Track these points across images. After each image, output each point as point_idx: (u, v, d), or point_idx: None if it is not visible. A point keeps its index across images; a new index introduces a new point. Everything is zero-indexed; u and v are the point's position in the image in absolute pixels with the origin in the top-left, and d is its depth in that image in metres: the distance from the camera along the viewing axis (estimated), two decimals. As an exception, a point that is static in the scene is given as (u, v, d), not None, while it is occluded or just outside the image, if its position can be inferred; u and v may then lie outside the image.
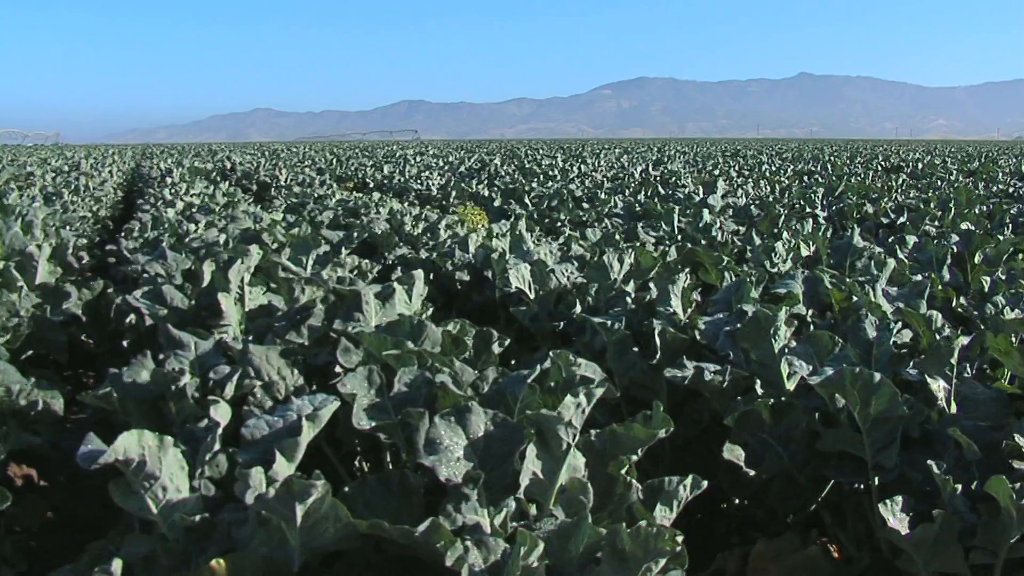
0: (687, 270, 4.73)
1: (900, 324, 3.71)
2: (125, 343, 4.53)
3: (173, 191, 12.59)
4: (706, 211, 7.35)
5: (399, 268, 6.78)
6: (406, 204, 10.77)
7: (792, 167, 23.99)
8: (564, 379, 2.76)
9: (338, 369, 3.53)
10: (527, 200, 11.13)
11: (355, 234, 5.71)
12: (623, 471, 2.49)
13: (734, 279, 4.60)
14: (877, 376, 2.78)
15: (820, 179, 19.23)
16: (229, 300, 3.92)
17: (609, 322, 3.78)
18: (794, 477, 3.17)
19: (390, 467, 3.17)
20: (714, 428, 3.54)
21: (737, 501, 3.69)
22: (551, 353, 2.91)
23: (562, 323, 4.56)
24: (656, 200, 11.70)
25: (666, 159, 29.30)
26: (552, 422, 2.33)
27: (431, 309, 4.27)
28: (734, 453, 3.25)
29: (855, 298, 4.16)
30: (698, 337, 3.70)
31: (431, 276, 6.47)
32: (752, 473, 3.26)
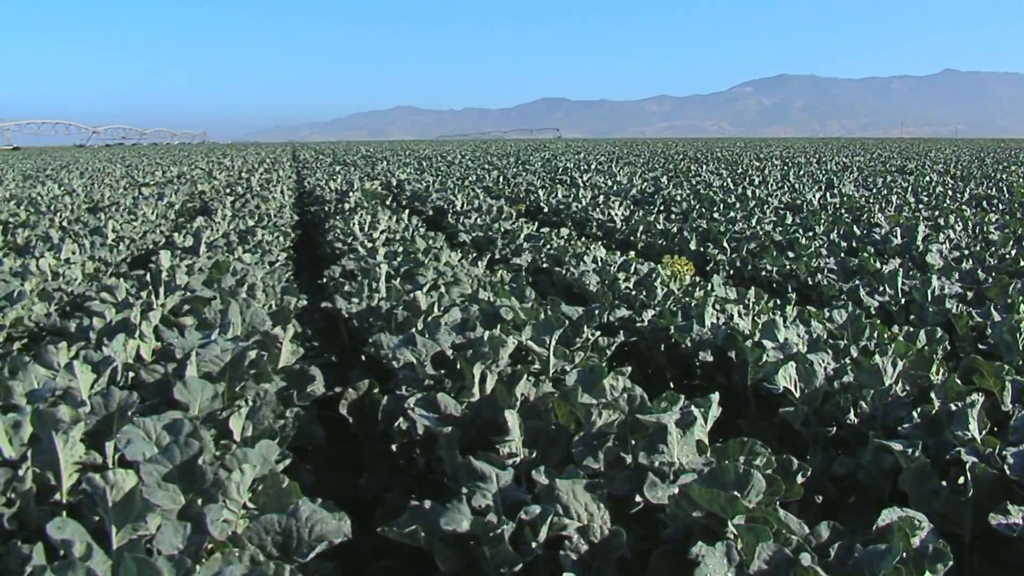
0: (970, 383, 4.61)
1: None
2: (394, 447, 4.60)
3: (361, 226, 12.87)
4: (934, 279, 7.13)
5: (622, 333, 6.80)
6: (597, 244, 10.79)
7: (965, 187, 22.96)
8: (915, 551, 2.73)
9: (638, 499, 3.59)
10: (724, 244, 11.04)
11: (596, 311, 5.75)
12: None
13: (1012, 387, 4.47)
14: None
15: (1000, 204, 18.48)
16: (514, 417, 3.99)
17: (910, 450, 3.72)
18: None
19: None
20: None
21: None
22: (892, 517, 2.89)
23: (833, 427, 4.50)
24: (854, 241, 11.47)
25: (833, 177, 28.49)
26: (943, 627, 2.32)
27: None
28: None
29: None
30: (1007, 472, 3.60)
31: (662, 347, 6.50)
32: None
